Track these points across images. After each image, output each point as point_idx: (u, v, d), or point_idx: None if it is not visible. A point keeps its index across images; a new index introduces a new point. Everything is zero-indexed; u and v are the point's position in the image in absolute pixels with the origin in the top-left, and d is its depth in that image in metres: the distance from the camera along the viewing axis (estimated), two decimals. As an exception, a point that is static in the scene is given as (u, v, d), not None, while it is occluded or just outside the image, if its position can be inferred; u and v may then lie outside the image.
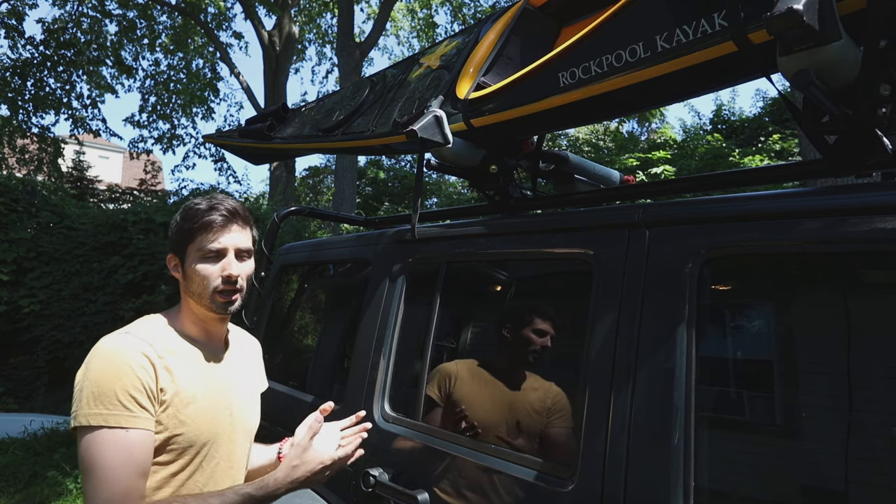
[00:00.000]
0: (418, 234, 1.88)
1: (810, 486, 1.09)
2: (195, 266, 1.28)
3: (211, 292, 1.28)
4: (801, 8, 0.95)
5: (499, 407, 1.66)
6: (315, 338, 2.77)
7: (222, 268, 1.29)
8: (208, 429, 1.28)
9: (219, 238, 1.29)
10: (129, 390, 1.15)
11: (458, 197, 15.74)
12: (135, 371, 1.16)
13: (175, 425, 1.21)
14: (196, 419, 1.25)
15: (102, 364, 1.17)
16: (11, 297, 7.25)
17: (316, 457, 1.33)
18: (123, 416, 1.13)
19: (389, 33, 15.57)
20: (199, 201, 1.33)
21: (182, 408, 1.22)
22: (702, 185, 1.68)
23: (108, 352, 1.18)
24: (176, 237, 1.32)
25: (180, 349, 1.28)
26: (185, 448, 1.24)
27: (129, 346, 1.19)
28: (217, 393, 1.32)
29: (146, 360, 1.18)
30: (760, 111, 12.87)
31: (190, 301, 1.33)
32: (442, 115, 1.73)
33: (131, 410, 1.14)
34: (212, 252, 1.28)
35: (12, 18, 11.14)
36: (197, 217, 1.29)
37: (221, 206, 1.31)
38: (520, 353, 1.64)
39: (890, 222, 0.98)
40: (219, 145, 4.33)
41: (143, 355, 1.18)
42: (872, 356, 1.06)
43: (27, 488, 4.59)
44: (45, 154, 12.41)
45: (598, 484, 1.20)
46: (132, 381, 1.15)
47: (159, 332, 1.27)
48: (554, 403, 1.53)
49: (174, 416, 1.21)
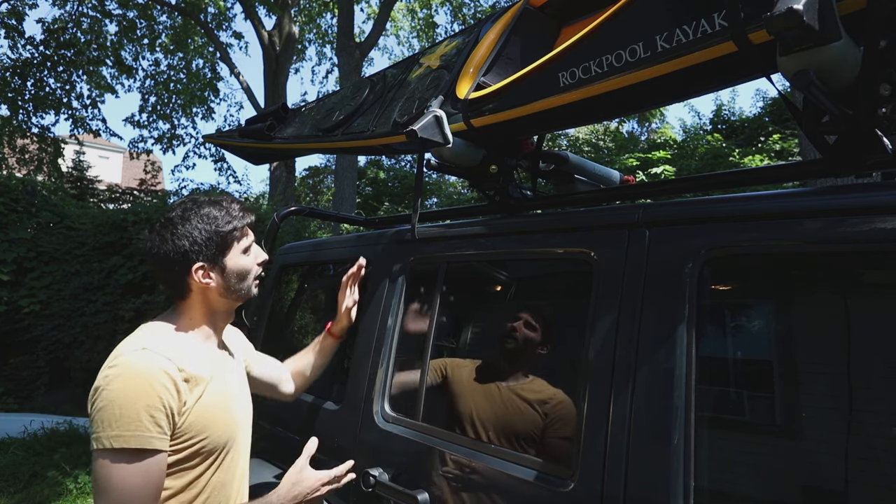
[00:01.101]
0: (418, 234, 1.88)
1: (810, 486, 1.09)
2: (240, 264, 1.35)
3: (251, 280, 1.38)
4: (801, 8, 0.95)
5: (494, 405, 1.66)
6: (315, 338, 2.77)
7: (256, 256, 1.39)
8: (227, 428, 1.31)
9: (248, 232, 1.38)
10: (151, 411, 1.14)
11: (458, 197, 15.74)
12: (157, 391, 1.15)
13: (200, 431, 1.23)
14: (217, 422, 1.28)
15: (124, 384, 1.14)
16: (11, 297, 7.25)
17: (313, 474, 1.45)
18: (144, 437, 1.13)
19: (389, 33, 15.57)
20: (214, 207, 1.34)
21: (203, 413, 1.24)
22: (702, 185, 1.68)
23: (130, 370, 1.16)
24: (211, 244, 1.31)
25: (194, 357, 1.28)
26: (210, 451, 1.27)
27: (151, 363, 1.17)
28: (227, 391, 1.36)
29: (168, 378, 1.17)
30: (760, 111, 12.87)
31: (213, 301, 1.35)
32: (442, 115, 1.73)
33: (151, 432, 1.14)
34: (248, 245, 1.38)
35: (12, 18, 11.13)
36: (234, 220, 1.34)
37: (238, 205, 1.38)
38: (521, 352, 1.64)
39: (890, 222, 0.98)
40: (219, 145, 4.32)
41: (164, 373, 1.17)
42: (872, 356, 1.05)
43: (27, 488, 4.59)
44: (45, 154, 12.40)
45: (598, 484, 1.20)
46: (154, 402, 1.14)
47: (174, 343, 1.27)
48: (555, 404, 1.53)
49: (197, 422, 1.23)
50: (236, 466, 1.37)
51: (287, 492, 1.39)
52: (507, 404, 1.63)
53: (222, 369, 1.37)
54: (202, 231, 1.30)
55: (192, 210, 1.32)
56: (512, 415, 1.60)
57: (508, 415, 1.61)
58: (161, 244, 1.29)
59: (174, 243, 1.29)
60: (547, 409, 1.54)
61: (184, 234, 1.29)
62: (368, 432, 1.78)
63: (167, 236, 1.29)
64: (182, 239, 1.29)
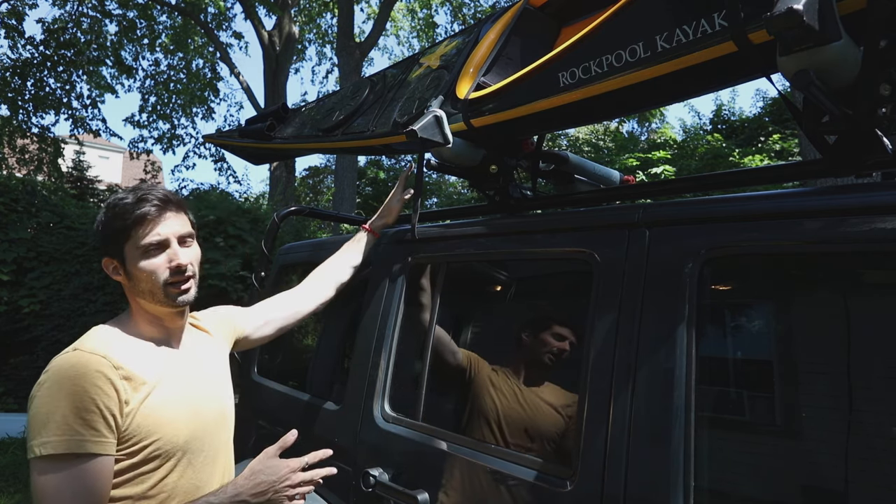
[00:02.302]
0: (418, 234, 1.88)
1: (810, 486, 1.09)
2: (139, 264, 1.20)
3: (162, 286, 1.21)
4: (801, 8, 0.95)
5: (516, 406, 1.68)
6: (315, 338, 2.78)
7: (169, 259, 1.22)
8: (187, 428, 1.22)
9: (156, 229, 1.21)
10: (82, 414, 1.06)
11: (458, 197, 15.73)
12: (88, 392, 1.07)
13: (149, 432, 1.15)
14: (173, 421, 1.19)
15: (51, 388, 1.07)
16: (11, 297, 7.25)
17: (280, 462, 1.26)
18: (74, 440, 1.05)
19: (389, 33, 15.57)
20: (124, 195, 1.23)
21: (150, 414, 1.16)
22: (702, 185, 1.68)
23: (59, 373, 1.09)
24: (109, 238, 1.22)
25: (140, 354, 1.21)
26: (167, 451, 1.18)
27: (79, 364, 1.10)
28: (188, 389, 1.26)
29: (100, 376, 1.09)
30: (760, 111, 12.87)
31: (141, 302, 1.25)
32: (442, 115, 1.73)
33: (83, 435, 1.06)
34: (153, 245, 1.20)
35: (12, 18, 11.13)
36: (128, 212, 1.20)
37: (151, 196, 1.22)
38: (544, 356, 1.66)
39: (890, 222, 0.98)
40: (219, 145, 4.33)
41: (96, 372, 1.09)
42: (872, 356, 1.06)
43: (27, 488, 4.58)
44: (45, 154, 12.40)
45: (598, 484, 1.20)
46: (84, 404, 1.06)
47: (113, 341, 1.19)
48: (573, 406, 1.54)
49: (145, 423, 1.15)
50: (213, 468, 1.29)
51: (246, 480, 1.22)
52: (530, 406, 1.64)
53: (178, 371, 1.27)
54: (101, 221, 1.23)
55: (111, 196, 1.25)
56: (534, 417, 1.61)
57: (531, 416, 1.62)
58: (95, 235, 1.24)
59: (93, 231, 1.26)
60: (570, 412, 1.55)
61: (97, 221, 1.24)
62: (368, 432, 1.78)
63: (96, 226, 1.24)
64: (94, 228, 1.24)
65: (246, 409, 2.44)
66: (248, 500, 1.20)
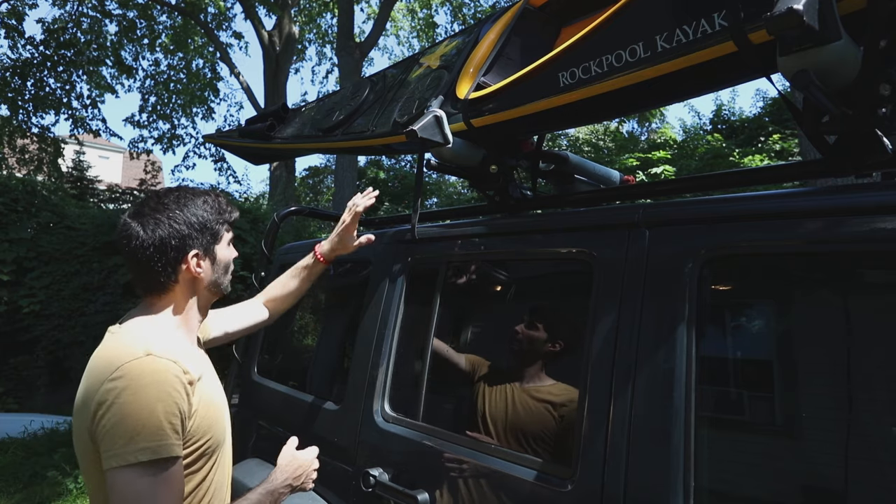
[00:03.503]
0: (418, 234, 1.88)
1: (810, 486, 1.09)
2: (228, 254, 1.35)
3: (230, 276, 1.36)
4: (801, 8, 0.95)
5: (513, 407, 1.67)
6: (315, 338, 2.77)
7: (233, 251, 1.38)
8: (224, 422, 1.30)
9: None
10: (170, 418, 1.09)
11: (458, 197, 15.74)
12: (172, 397, 1.10)
13: (205, 432, 1.21)
14: (217, 419, 1.26)
15: (136, 395, 1.08)
16: (11, 297, 7.25)
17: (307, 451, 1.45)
18: (170, 444, 1.08)
19: (389, 33, 15.58)
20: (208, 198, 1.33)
21: (205, 414, 1.21)
22: (702, 185, 1.68)
23: (140, 380, 1.09)
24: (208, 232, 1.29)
25: (188, 356, 1.24)
26: (213, 451, 1.24)
27: (159, 371, 1.11)
28: (214, 383, 1.33)
29: (178, 382, 1.12)
30: (760, 111, 12.88)
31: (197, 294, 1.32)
32: (442, 115, 1.73)
33: (172, 439, 1.09)
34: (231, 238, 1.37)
35: (12, 18, 11.14)
36: (228, 210, 1.34)
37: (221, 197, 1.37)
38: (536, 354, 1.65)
39: (890, 222, 0.98)
40: (219, 145, 4.33)
41: (175, 377, 1.12)
42: (872, 356, 1.06)
43: (27, 488, 4.59)
44: (45, 154, 12.41)
45: (598, 484, 1.20)
46: (171, 408, 1.09)
47: (173, 344, 1.21)
48: (572, 409, 1.54)
49: (202, 423, 1.19)
50: (228, 463, 1.36)
51: (287, 466, 1.38)
52: (522, 406, 1.64)
53: (207, 365, 1.34)
54: (200, 217, 1.26)
55: (188, 196, 1.28)
56: (527, 416, 1.61)
57: (523, 416, 1.62)
58: (156, 228, 1.21)
59: (172, 227, 1.22)
60: (564, 412, 1.54)
61: (183, 219, 1.24)
62: (368, 432, 1.78)
63: (163, 220, 1.22)
64: (181, 224, 1.23)
65: (246, 409, 2.44)
66: (292, 483, 1.37)
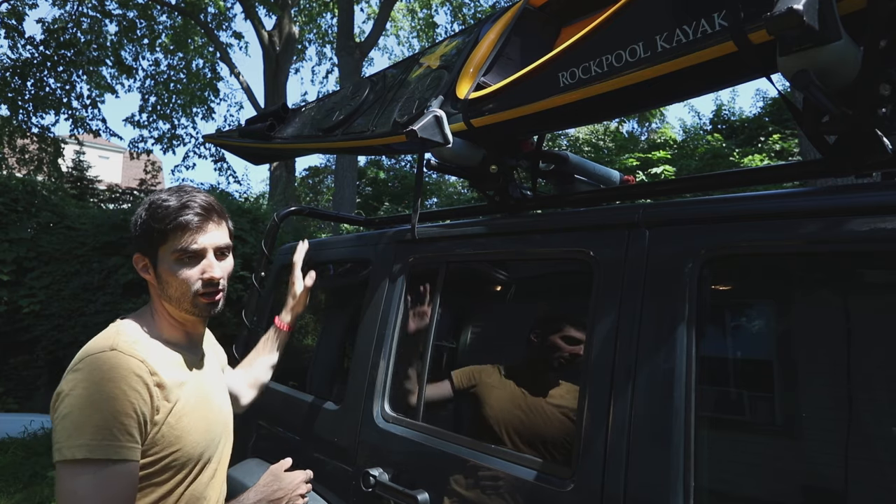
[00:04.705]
0: (418, 234, 1.88)
1: (810, 487, 1.09)
2: (171, 269, 1.18)
3: (192, 296, 1.19)
4: (801, 8, 0.95)
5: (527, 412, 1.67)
6: (315, 338, 2.77)
7: (202, 270, 1.20)
8: (203, 439, 1.20)
9: (196, 238, 1.18)
10: (121, 418, 1.03)
11: (458, 197, 15.74)
12: (127, 396, 1.04)
13: (171, 443, 1.13)
14: (191, 432, 1.17)
15: (89, 388, 1.04)
16: (11, 297, 7.25)
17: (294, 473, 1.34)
18: (112, 446, 1.02)
19: (389, 33, 15.58)
20: (167, 197, 1.20)
21: (175, 424, 1.14)
22: (702, 185, 1.68)
23: (97, 374, 1.05)
24: (144, 237, 1.19)
25: (167, 360, 1.18)
26: (183, 462, 1.16)
27: (119, 366, 1.06)
28: (205, 399, 1.25)
29: (139, 382, 1.07)
30: (760, 111, 12.88)
31: (166, 304, 1.22)
32: (442, 115, 1.73)
33: (120, 441, 1.03)
34: (189, 254, 1.18)
35: (12, 18, 11.14)
36: (168, 217, 1.16)
37: (195, 203, 1.19)
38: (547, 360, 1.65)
39: (890, 222, 0.98)
40: (219, 145, 4.32)
41: (136, 376, 1.07)
42: (872, 356, 1.05)
43: (27, 488, 4.59)
44: (45, 154, 12.41)
45: (598, 484, 1.20)
46: (124, 408, 1.04)
47: (146, 343, 1.16)
48: None
49: (169, 433, 1.13)
50: (214, 478, 1.27)
51: (265, 487, 1.28)
52: (533, 409, 1.64)
53: (199, 375, 1.26)
54: (141, 218, 1.20)
55: (151, 195, 1.23)
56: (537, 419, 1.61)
57: (533, 419, 1.62)
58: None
59: (131, 224, 1.22)
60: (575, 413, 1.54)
61: (134, 217, 1.22)
62: (368, 432, 1.78)
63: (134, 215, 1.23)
64: (132, 222, 1.21)
65: (246, 409, 2.44)
66: None
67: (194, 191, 1.23)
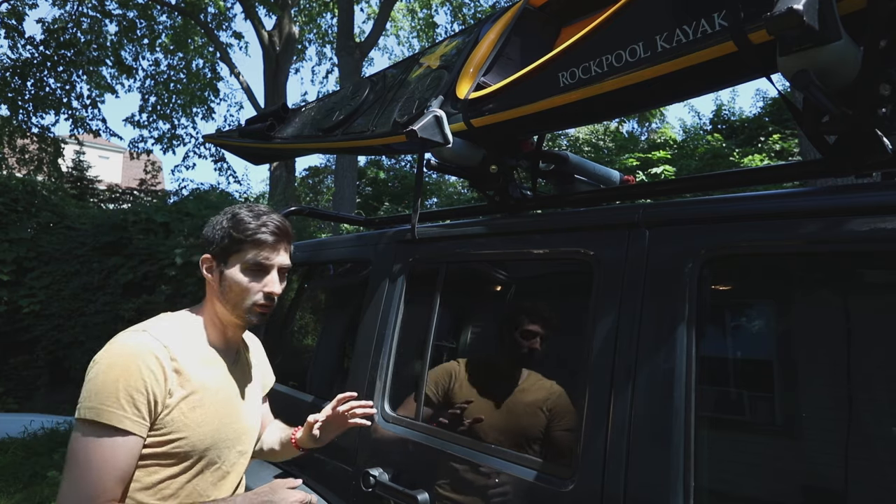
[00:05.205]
0: (418, 234, 1.88)
1: (810, 486, 1.09)
2: (237, 276, 1.29)
3: (249, 305, 1.30)
4: (801, 8, 0.95)
5: (498, 407, 1.66)
6: (315, 338, 2.77)
7: (265, 284, 1.31)
8: (211, 435, 1.27)
9: (269, 256, 1.31)
10: (131, 392, 1.13)
11: (458, 197, 15.73)
12: (141, 372, 1.15)
13: (179, 428, 1.21)
14: (201, 424, 1.24)
15: (111, 360, 1.16)
16: (11, 297, 7.25)
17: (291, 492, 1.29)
18: (117, 414, 1.12)
19: (389, 33, 15.56)
20: (248, 213, 1.33)
21: (188, 411, 1.22)
22: (702, 185, 1.68)
23: (120, 349, 1.17)
24: (221, 243, 1.31)
25: (196, 352, 1.28)
26: (187, 453, 1.23)
27: (142, 345, 1.18)
28: (227, 399, 1.32)
29: (156, 363, 1.17)
30: (760, 111, 12.87)
31: (217, 305, 1.33)
32: (442, 115, 1.73)
33: (126, 412, 1.13)
34: (257, 266, 1.30)
35: (12, 18, 11.15)
36: (249, 230, 1.29)
37: (272, 224, 1.32)
38: (521, 352, 1.64)
39: (890, 222, 0.98)
40: (219, 145, 4.33)
41: (153, 357, 1.17)
42: (872, 356, 1.05)
43: (27, 488, 4.59)
44: (45, 154, 12.42)
45: (598, 484, 1.20)
46: (135, 384, 1.14)
47: (177, 333, 1.27)
48: (555, 404, 1.53)
49: (179, 419, 1.21)
50: (221, 483, 1.32)
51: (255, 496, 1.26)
52: (508, 404, 1.63)
53: (226, 378, 1.34)
54: (222, 226, 1.33)
55: (234, 208, 1.36)
56: (512, 415, 1.60)
57: (508, 415, 1.61)
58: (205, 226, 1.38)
59: (206, 229, 1.36)
60: (549, 405, 1.54)
61: (213, 223, 1.35)
62: (368, 432, 1.78)
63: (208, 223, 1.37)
64: (210, 227, 1.36)
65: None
66: None
67: (272, 212, 1.37)
